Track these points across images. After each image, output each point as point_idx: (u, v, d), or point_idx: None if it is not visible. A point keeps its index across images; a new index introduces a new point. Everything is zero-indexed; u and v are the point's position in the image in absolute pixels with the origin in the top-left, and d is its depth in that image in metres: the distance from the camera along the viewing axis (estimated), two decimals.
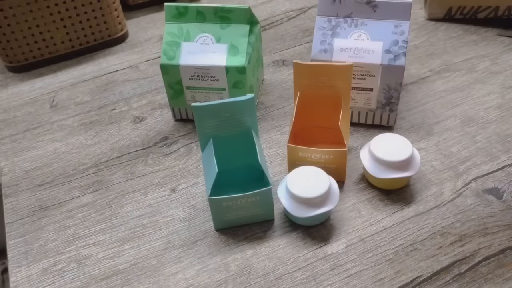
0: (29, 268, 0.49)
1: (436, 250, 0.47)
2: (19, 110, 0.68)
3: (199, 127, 0.49)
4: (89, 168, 0.59)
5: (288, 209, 0.48)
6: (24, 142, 0.63)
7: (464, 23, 0.76)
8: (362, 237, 0.49)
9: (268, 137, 0.61)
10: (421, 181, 0.54)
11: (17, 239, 0.52)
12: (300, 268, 0.47)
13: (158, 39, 0.79)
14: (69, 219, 0.53)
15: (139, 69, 0.74)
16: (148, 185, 0.56)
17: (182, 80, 0.59)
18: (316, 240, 0.49)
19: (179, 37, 0.59)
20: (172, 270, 0.48)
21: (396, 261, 0.47)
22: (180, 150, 0.60)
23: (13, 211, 0.55)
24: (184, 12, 0.58)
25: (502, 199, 0.51)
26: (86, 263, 0.49)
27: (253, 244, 0.49)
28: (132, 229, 0.52)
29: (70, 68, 0.75)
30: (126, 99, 0.68)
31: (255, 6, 0.85)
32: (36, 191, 0.57)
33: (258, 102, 0.66)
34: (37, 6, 0.69)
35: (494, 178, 0.53)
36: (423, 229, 0.49)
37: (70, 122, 0.66)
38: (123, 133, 0.63)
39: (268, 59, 0.73)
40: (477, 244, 0.48)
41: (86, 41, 0.76)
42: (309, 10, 0.83)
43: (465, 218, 0.50)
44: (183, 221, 0.52)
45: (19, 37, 0.71)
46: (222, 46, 0.58)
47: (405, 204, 0.52)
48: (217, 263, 0.48)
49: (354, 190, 0.53)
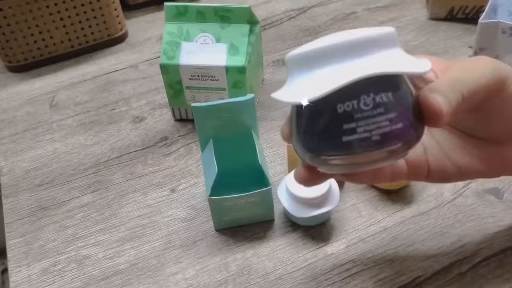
0: (29, 268, 0.49)
1: (437, 250, 0.47)
2: (19, 110, 0.68)
3: (199, 127, 0.49)
4: (88, 168, 0.59)
5: (288, 209, 0.48)
6: (24, 142, 0.63)
7: (465, 23, 0.76)
8: (362, 237, 0.49)
9: (268, 137, 0.61)
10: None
11: (17, 239, 0.52)
12: (300, 268, 0.47)
13: (158, 39, 0.79)
14: (69, 219, 0.53)
15: (138, 69, 0.74)
16: (148, 185, 0.56)
17: (182, 80, 0.59)
18: (316, 240, 0.49)
19: (179, 37, 0.58)
20: (172, 270, 0.48)
21: (396, 261, 0.47)
22: (180, 150, 0.60)
23: (12, 211, 0.55)
24: (184, 11, 0.58)
25: (503, 199, 0.51)
26: (86, 263, 0.49)
27: (253, 244, 0.49)
28: (132, 229, 0.52)
29: (69, 68, 0.75)
30: (126, 99, 0.68)
31: (255, 6, 0.85)
32: (36, 191, 0.57)
33: (258, 102, 0.65)
34: (36, 6, 0.69)
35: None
36: (424, 229, 0.49)
37: (69, 122, 0.65)
38: (122, 133, 0.63)
39: (268, 59, 0.73)
40: (477, 244, 0.47)
41: (85, 41, 0.76)
42: (309, 10, 0.83)
43: (466, 218, 0.50)
44: (183, 221, 0.52)
45: (18, 37, 0.71)
46: (222, 46, 0.58)
47: (405, 204, 0.52)
48: (217, 263, 0.48)
49: (354, 190, 0.53)
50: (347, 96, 0.27)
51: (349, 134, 0.27)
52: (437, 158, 0.36)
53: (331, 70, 0.27)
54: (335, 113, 0.27)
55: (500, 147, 0.36)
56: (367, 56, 0.27)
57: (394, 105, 0.27)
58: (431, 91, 0.29)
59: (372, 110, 0.27)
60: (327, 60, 0.27)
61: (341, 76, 0.26)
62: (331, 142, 0.28)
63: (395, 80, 0.28)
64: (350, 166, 0.29)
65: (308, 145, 0.29)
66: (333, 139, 0.27)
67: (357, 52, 0.26)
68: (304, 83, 0.27)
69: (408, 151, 0.29)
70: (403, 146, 0.28)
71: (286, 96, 0.28)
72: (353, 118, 0.27)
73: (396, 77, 0.28)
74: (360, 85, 0.26)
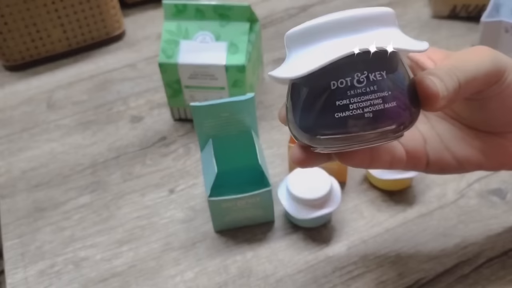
0: (26, 270, 0.49)
1: (439, 252, 0.47)
2: (16, 110, 0.68)
3: (198, 127, 0.48)
4: (86, 169, 0.58)
5: (288, 211, 0.48)
6: (21, 142, 0.63)
7: (467, 22, 0.75)
8: (364, 239, 0.48)
9: (268, 137, 0.60)
10: (424, 182, 0.53)
11: (13, 241, 0.51)
12: (301, 271, 0.46)
13: (156, 37, 0.78)
14: (66, 220, 0.53)
15: (137, 67, 0.73)
16: (146, 186, 0.55)
17: (181, 79, 0.58)
18: (317, 242, 0.49)
19: (178, 35, 0.58)
20: (171, 272, 0.47)
21: (398, 263, 0.46)
22: (179, 151, 0.59)
23: (9, 212, 0.54)
24: (183, 9, 0.58)
25: (506, 200, 0.51)
26: (83, 265, 0.48)
27: (253, 246, 0.49)
28: (130, 231, 0.51)
29: (67, 67, 0.74)
30: (124, 98, 0.68)
31: (255, 4, 0.84)
32: (33, 192, 0.56)
33: (258, 102, 0.65)
34: (34, 4, 0.69)
35: (497, 178, 0.53)
36: (426, 231, 0.48)
37: (67, 122, 0.65)
38: (120, 133, 0.62)
39: (268, 57, 0.72)
40: (480, 246, 0.47)
41: (83, 39, 0.75)
42: (310, 8, 0.82)
43: (469, 219, 0.49)
44: (181, 223, 0.51)
45: (15, 36, 0.70)
46: (222, 45, 0.57)
47: (407, 206, 0.51)
48: (216, 265, 0.47)
49: (356, 191, 0.53)
50: (341, 73, 0.27)
51: (342, 110, 0.27)
52: (437, 149, 0.36)
53: (326, 45, 0.27)
54: (329, 89, 0.27)
55: (500, 139, 0.36)
56: (364, 32, 0.27)
57: (388, 84, 0.27)
58: (428, 74, 0.29)
59: (366, 87, 0.27)
60: (323, 35, 0.27)
61: (335, 50, 0.26)
62: (324, 119, 0.28)
63: (391, 59, 0.28)
64: (343, 144, 0.29)
65: (302, 123, 0.29)
66: (326, 116, 0.28)
67: (354, 28, 0.27)
68: (299, 59, 0.28)
69: (402, 133, 0.29)
70: (396, 126, 0.28)
71: (281, 72, 0.29)
72: (346, 95, 0.27)
73: (392, 56, 0.28)
74: (355, 63, 0.26)
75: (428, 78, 0.29)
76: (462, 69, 0.30)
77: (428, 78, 0.29)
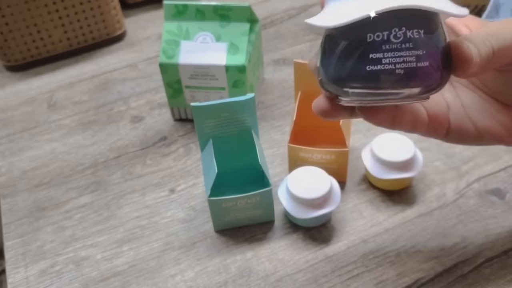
0: (27, 270, 0.49)
1: (439, 252, 0.47)
2: (17, 110, 0.68)
3: (198, 127, 0.48)
4: (87, 169, 0.58)
5: (288, 210, 0.48)
6: (22, 142, 0.63)
7: None
8: (363, 238, 0.48)
9: (268, 137, 0.60)
10: (424, 181, 0.53)
11: (14, 240, 0.51)
12: (301, 270, 0.46)
13: (157, 38, 0.79)
14: (67, 220, 0.53)
15: (137, 68, 0.73)
16: (147, 185, 0.56)
17: (181, 79, 0.59)
18: (317, 241, 0.49)
19: (178, 36, 0.58)
20: (171, 272, 0.47)
21: (398, 263, 0.46)
22: (179, 150, 0.60)
23: (10, 212, 0.54)
24: (184, 10, 0.58)
25: (505, 200, 0.51)
26: (84, 265, 0.49)
27: (253, 246, 0.49)
28: (131, 230, 0.51)
29: (68, 67, 0.74)
30: (125, 98, 0.68)
31: (255, 4, 0.84)
32: (34, 192, 0.56)
33: (258, 102, 0.65)
34: (35, 5, 0.69)
35: (497, 178, 0.53)
36: (426, 231, 0.49)
37: (68, 122, 0.65)
38: (121, 133, 0.63)
39: (268, 58, 0.72)
40: (479, 246, 0.47)
41: (84, 40, 0.75)
42: (310, 9, 0.82)
43: (468, 219, 0.49)
44: (182, 222, 0.52)
45: (17, 36, 0.71)
46: (222, 45, 0.57)
47: (407, 205, 0.51)
48: (216, 265, 0.48)
49: (355, 191, 0.53)
50: (379, 27, 0.27)
51: (374, 64, 0.27)
52: (459, 117, 0.36)
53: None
54: (364, 41, 0.27)
55: None
56: None
57: (424, 43, 0.27)
58: (464, 39, 0.29)
59: (401, 43, 0.27)
60: None
61: (377, 4, 0.26)
62: (355, 71, 0.28)
63: (430, 20, 0.28)
64: (369, 99, 0.29)
65: (333, 73, 0.29)
66: (358, 68, 0.28)
67: None
68: (338, 9, 0.28)
69: (428, 95, 0.29)
70: (425, 87, 0.28)
71: (318, 20, 0.29)
72: (381, 49, 0.27)
73: (432, 17, 0.28)
74: (395, 18, 0.26)
75: (464, 42, 0.29)
76: (497, 37, 0.30)
77: (465, 43, 0.29)
